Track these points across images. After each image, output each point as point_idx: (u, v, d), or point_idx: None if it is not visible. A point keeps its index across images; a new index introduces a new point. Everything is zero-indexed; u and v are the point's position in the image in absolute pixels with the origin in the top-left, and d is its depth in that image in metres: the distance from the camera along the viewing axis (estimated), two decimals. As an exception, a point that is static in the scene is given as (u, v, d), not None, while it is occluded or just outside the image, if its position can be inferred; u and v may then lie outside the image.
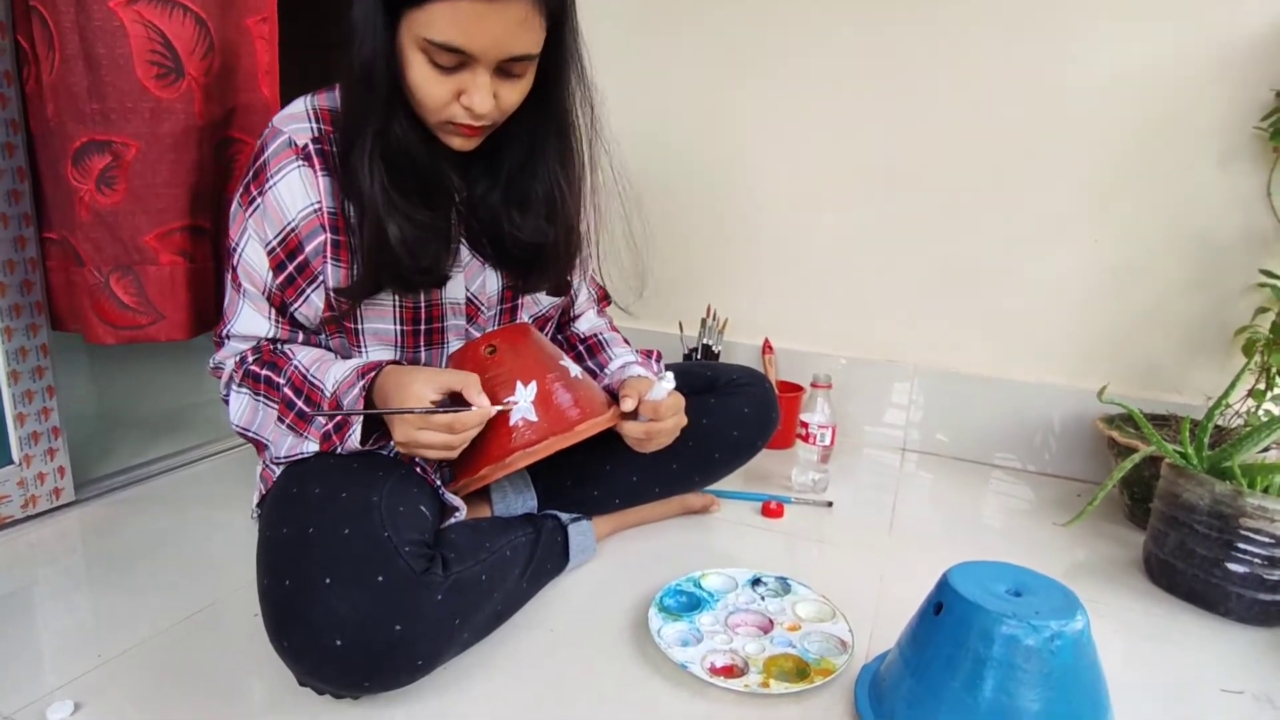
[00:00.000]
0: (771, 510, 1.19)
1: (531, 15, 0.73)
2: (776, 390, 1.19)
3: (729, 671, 0.79)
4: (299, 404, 0.83)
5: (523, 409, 0.82)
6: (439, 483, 0.87)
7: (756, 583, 0.95)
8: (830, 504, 1.24)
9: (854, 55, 1.44)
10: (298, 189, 0.82)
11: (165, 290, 1.02)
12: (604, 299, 1.16)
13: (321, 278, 0.85)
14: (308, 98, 0.85)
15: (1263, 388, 1.20)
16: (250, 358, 0.88)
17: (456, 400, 0.79)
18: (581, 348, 1.08)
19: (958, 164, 1.41)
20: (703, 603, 0.91)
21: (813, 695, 0.77)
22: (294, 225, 0.83)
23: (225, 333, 0.89)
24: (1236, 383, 1.07)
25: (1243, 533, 0.92)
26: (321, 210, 0.83)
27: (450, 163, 0.86)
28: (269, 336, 0.88)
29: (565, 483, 1.02)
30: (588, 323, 1.11)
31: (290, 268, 0.85)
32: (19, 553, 1.01)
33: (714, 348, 1.54)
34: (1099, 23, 1.28)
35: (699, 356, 1.54)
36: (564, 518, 1.00)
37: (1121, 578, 1.05)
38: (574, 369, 0.89)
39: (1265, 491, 0.95)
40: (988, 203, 1.41)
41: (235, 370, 0.88)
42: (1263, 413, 1.20)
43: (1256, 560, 0.92)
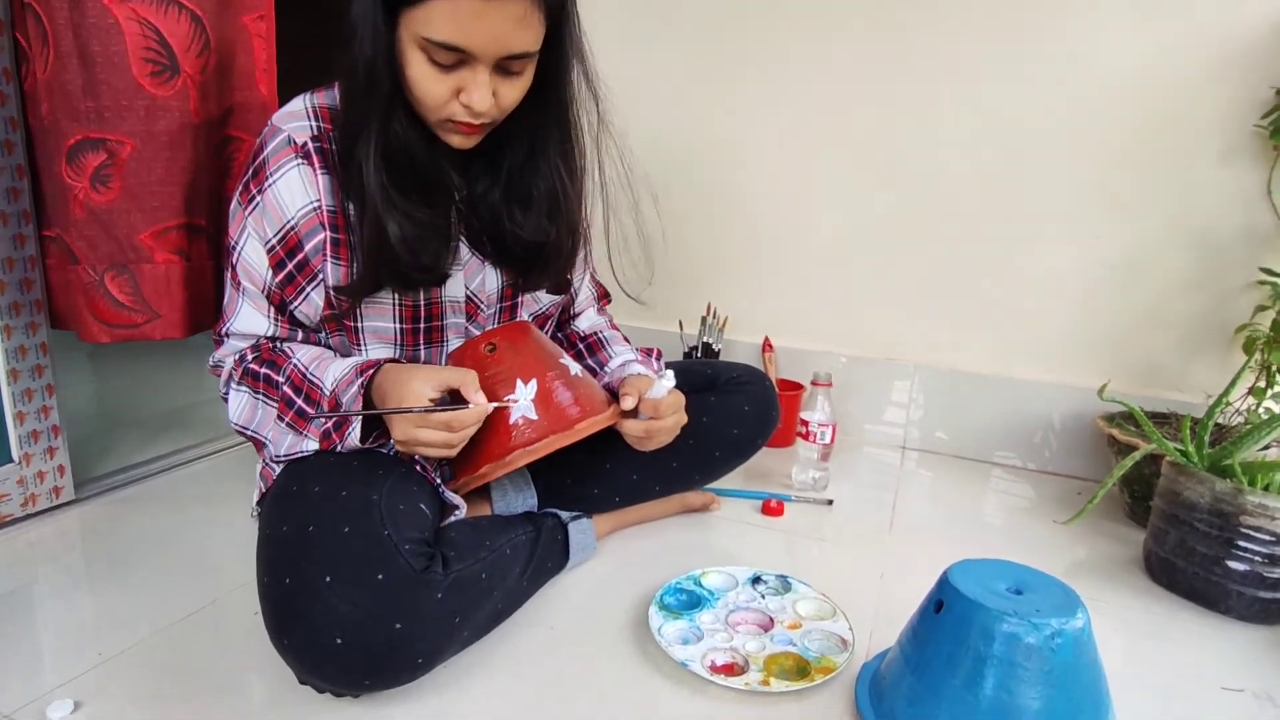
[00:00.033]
0: (772, 508, 1.19)
1: (530, 13, 0.72)
2: (776, 388, 1.19)
3: (729, 669, 0.79)
4: (298, 402, 0.83)
5: (523, 407, 0.82)
6: (439, 481, 0.86)
7: (757, 581, 0.95)
8: (830, 502, 1.24)
9: (855, 54, 1.44)
10: (297, 187, 0.82)
11: (161, 289, 1.02)
12: (604, 297, 1.16)
13: (321, 276, 0.85)
14: (307, 96, 0.85)
15: (1263, 385, 1.20)
16: (250, 356, 0.88)
17: (456, 398, 0.79)
18: (581, 345, 1.08)
19: (958, 162, 1.41)
20: (703, 601, 0.91)
21: (813, 693, 0.77)
22: (293, 223, 0.83)
23: (225, 331, 0.89)
24: (1237, 380, 1.07)
25: (1243, 530, 0.92)
26: (321, 208, 0.83)
27: (450, 161, 0.86)
28: (268, 335, 0.88)
29: (565, 481, 1.02)
30: (588, 320, 1.11)
31: (290, 266, 0.84)
32: (19, 551, 1.01)
33: (714, 346, 1.54)
34: (1099, 22, 1.28)
35: (699, 355, 1.54)
36: (564, 516, 1.00)
37: (1122, 575, 1.05)
38: (574, 367, 0.89)
39: (1266, 489, 0.95)
40: (988, 200, 1.41)
41: (235, 368, 0.88)
42: (1263, 410, 1.20)
43: (1257, 558, 0.92)
